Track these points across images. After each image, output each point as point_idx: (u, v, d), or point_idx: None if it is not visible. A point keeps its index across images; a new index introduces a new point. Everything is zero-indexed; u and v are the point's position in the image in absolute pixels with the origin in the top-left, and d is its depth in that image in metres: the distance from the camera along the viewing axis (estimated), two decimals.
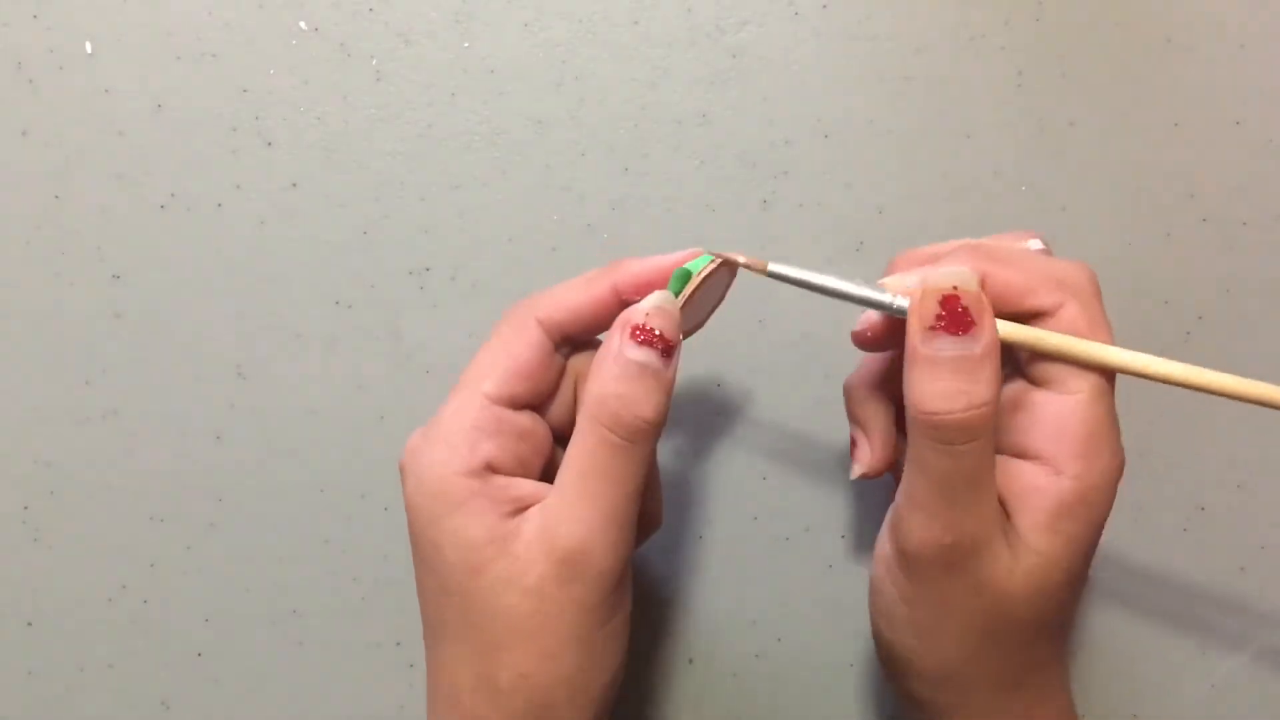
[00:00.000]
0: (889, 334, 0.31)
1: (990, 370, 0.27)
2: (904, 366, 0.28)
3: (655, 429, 0.28)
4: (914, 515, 0.28)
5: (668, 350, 0.28)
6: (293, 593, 0.38)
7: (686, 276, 0.30)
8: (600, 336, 0.30)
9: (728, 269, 0.30)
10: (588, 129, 0.38)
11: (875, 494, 0.38)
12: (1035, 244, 0.30)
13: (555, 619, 0.28)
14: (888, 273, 0.31)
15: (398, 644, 0.38)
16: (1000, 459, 0.29)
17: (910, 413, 0.27)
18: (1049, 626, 0.29)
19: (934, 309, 0.27)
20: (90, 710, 0.38)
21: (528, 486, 0.29)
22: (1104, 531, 0.38)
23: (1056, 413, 0.28)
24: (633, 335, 0.28)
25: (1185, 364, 0.29)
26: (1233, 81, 0.39)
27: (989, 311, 0.27)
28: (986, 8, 0.38)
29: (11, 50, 0.37)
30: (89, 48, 0.38)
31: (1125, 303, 0.39)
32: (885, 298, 0.29)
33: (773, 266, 0.30)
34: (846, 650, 0.38)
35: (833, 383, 0.38)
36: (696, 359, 0.38)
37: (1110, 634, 0.38)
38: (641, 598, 0.37)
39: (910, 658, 0.30)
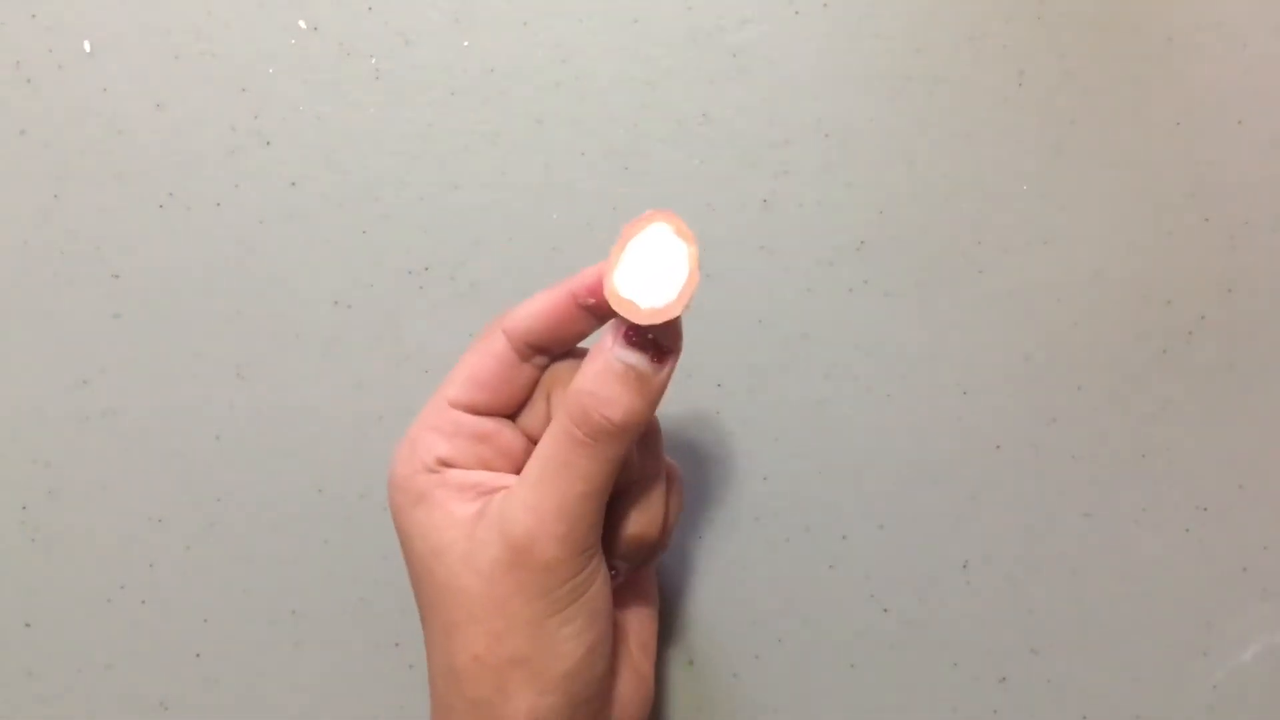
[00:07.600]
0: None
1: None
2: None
3: (623, 433, 0.28)
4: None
5: (660, 356, 0.28)
6: (293, 593, 0.38)
7: None
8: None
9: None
10: (588, 129, 0.38)
11: (877, 496, 0.38)
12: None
13: (503, 602, 0.28)
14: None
15: (397, 644, 0.38)
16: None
17: None
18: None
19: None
20: (89, 710, 0.38)
21: (488, 477, 0.30)
22: (1104, 530, 0.38)
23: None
24: (625, 336, 0.28)
25: None
26: (1234, 81, 0.39)
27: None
28: (987, 7, 0.38)
29: (11, 50, 0.37)
30: (88, 47, 0.38)
31: (1126, 303, 0.39)
32: None
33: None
34: (846, 650, 0.38)
35: (833, 382, 0.38)
36: (697, 359, 0.38)
37: (1110, 634, 0.38)
38: None
39: None
